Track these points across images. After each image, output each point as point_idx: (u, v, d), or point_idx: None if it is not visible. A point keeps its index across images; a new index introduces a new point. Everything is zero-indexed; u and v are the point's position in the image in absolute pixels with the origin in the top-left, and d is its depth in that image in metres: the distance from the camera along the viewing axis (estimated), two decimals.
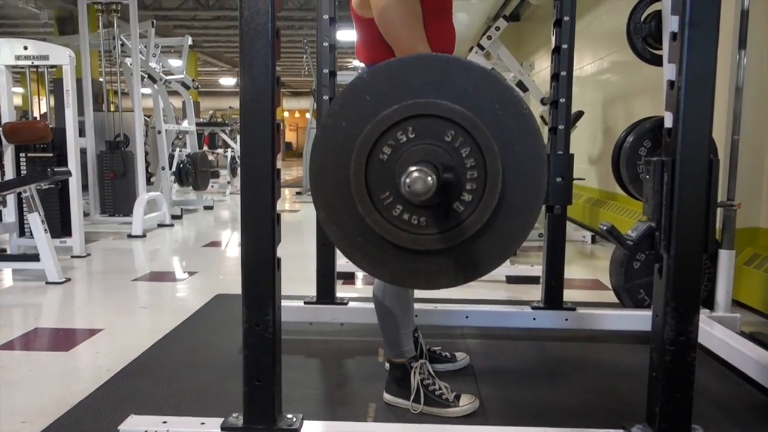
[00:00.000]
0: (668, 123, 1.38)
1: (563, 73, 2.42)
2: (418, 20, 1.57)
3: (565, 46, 2.41)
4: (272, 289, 1.41)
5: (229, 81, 22.91)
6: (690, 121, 1.32)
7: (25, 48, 4.14)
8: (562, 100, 2.44)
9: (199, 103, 16.24)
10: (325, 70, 2.54)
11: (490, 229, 1.23)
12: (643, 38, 2.58)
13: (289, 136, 28.35)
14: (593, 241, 5.03)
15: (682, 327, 1.37)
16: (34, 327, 2.73)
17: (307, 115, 14.23)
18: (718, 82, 1.32)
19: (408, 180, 1.06)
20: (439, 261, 1.25)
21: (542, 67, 7.85)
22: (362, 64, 1.82)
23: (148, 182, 5.89)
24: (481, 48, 4.98)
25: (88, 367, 2.25)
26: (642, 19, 2.58)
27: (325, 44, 2.52)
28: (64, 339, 2.59)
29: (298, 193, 9.19)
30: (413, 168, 1.05)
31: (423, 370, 1.86)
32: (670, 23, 1.40)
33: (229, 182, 9.71)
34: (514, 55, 5.33)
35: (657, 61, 2.59)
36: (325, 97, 2.55)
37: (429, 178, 1.05)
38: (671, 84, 1.36)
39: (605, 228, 1.41)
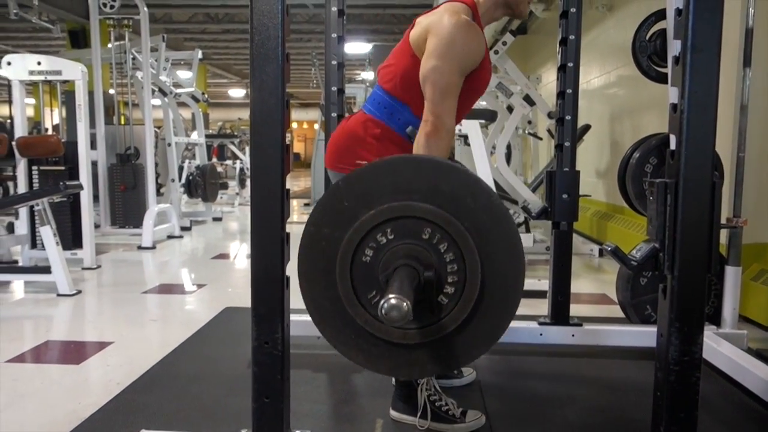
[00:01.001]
0: (672, 145, 1.40)
1: (569, 91, 2.45)
2: (456, 93, 1.64)
3: (570, 64, 2.43)
4: (281, 307, 1.43)
5: (238, 92, 23.08)
6: (692, 143, 1.34)
7: (39, 63, 4.20)
8: (568, 117, 2.46)
9: (209, 115, 16.37)
10: (334, 88, 2.57)
11: (475, 316, 1.28)
12: (649, 56, 2.60)
13: (298, 147, 28.51)
14: (600, 254, 5.03)
15: (686, 347, 1.38)
16: (46, 340, 2.77)
17: (315, 126, 14.32)
18: (723, 100, 1.35)
19: (385, 306, 1.10)
20: (431, 351, 1.30)
21: (549, 80, 7.88)
22: (376, 77, 1.86)
23: (158, 193, 5.96)
24: None
25: (98, 381, 2.28)
26: (647, 37, 2.61)
27: (334, 62, 2.56)
28: (75, 352, 2.62)
29: (306, 205, 9.22)
30: (391, 296, 1.09)
31: (430, 386, 1.87)
32: (674, 47, 1.42)
33: (237, 194, 9.77)
34: (521, 68, 5.36)
35: (662, 78, 2.61)
36: (334, 114, 2.58)
37: (404, 305, 1.09)
38: (674, 107, 1.39)
39: (610, 249, 1.43)
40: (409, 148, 1.75)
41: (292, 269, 1.43)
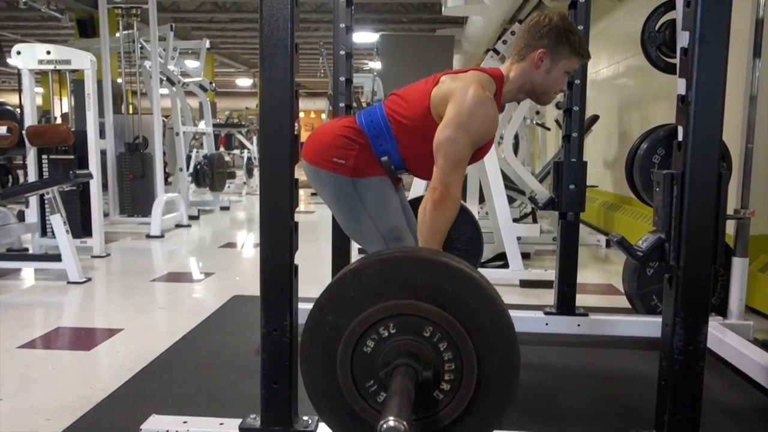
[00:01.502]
0: (679, 136, 1.41)
1: (577, 82, 2.45)
2: (466, 164, 1.69)
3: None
4: (289, 295, 1.45)
5: (245, 82, 23.06)
6: (700, 135, 1.34)
7: (48, 53, 4.22)
8: (576, 108, 2.46)
9: (216, 104, 16.38)
10: (342, 78, 2.58)
11: (469, 413, 1.31)
12: (658, 47, 2.59)
13: (305, 137, 28.49)
14: (607, 245, 5.03)
15: (691, 336, 1.40)
16: (56, 326, 2.81)
17: (323, 116, 14.32)
18: (732, 91, 1.35)
19: (384, 427, 1.11)
20: None
21: None
22: (384, 97, 1.90)
23: (166, 182, 5.98)
24: (497, 52, 4.98)
25: (109, 366, 2.31)
26: (657, 27, 2.60)
27: (342, 52, 2.57)
28: (85, 338, 2.66)
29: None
30: (390, 418, 1.11)
31: None
32: (682, 39, 1.42)
33: (245, 183, 9.80)
34: None
35: (671, 69, 2.60)
36: (342, 104, 2.59)
37: (402, 426, 1.11)
38: (682, 98, 1.39)
39: (616, 239, 1.44)
40: (381, 170, 1.82)
41: (300, 258, 1.45)
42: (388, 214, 1.84)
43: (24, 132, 3.96)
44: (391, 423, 1.12)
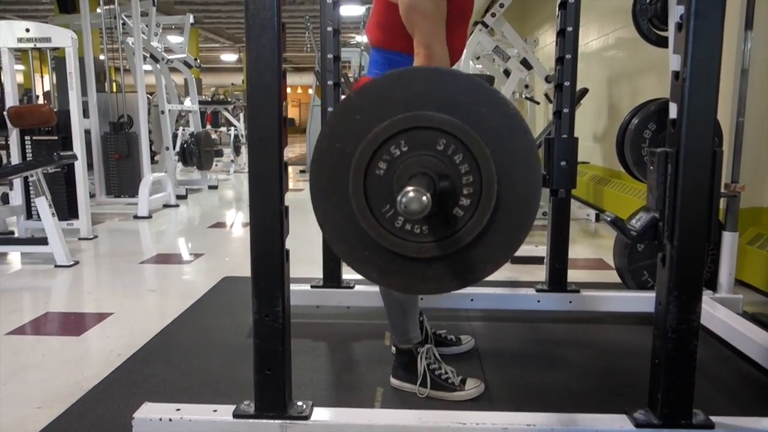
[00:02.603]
0: (672, 114, 1.39)
1: (568, 56, 2.41)
2: (442, 19, 1.58)
3: (570, 28, 2.39)
4: (281, 280, 1.43)
5: (230, 57, 22.75)
6: (694, 112, 1.33)
7: (27, 30, 4.11)
8: (567, 83, 2.43)
9: (201, 80, 16.15)
10: (330, 55, 2.53)
11: (492, 229, 1.26)
12: (649, 19, 2.56)
13: (292, 112, 28.24)
14: (597, 219, 5.04)
15: (684, 315, 1.40)
16: (45, 311, 2.78)
17: (310, 91, 14.16)
18: (723, 65, 1.33)
19: (404, 200, 1.08)
20: (446, 266, 1.28)
21: (547, 42, 7.78)
22: (367, 41, 1.82)
23: (152, 161, 5.91)
24: (485, 26, 4.93)
25: (99, 352, 2.30)
26: (648, 0, 2.56)
27: (329, 29, 2.51)
28: (75, 323, 2.63)
29: (302, 171, 9.18)
30: (409, 188, 1.07)
31: (429, 354, 1.89)
32: (676, 13, 1.39)
33: (232, 161, 9.71)
34: (518, 30, 5.28)
35: (663, 42, 2.58)
36: (330, 82, 2.55)
37: (424, 198, 1.07)
38: (676, 75, 1.37)
39: (609, 219, 1.42)
40: None
41: (291, 238, 1.43)
42: None
43: (5, 113, 3.88)
44: (411, 193, 1.08)
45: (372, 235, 1.27)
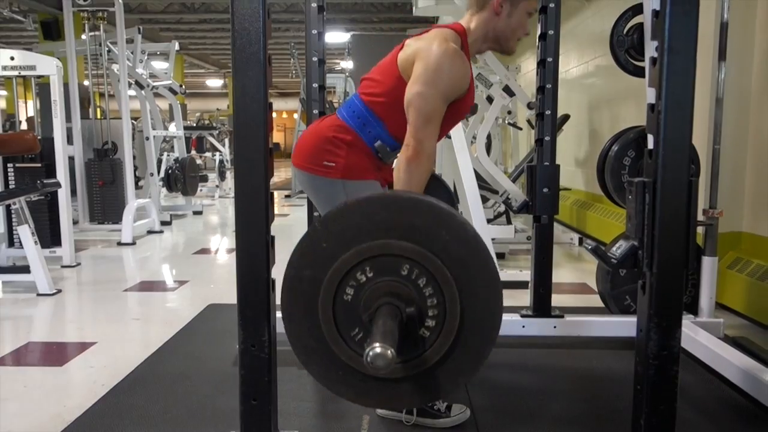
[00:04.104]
0: (650, 144, 1.43)
1: (548, 86, 2.47)
2: (439, 120, 1.67)
3: (550, 59, 2.45)
4: (267, 310, 1.44)
5: (216, 82, 22.82)
6: (670, 144, 1.36)
7: (12, 58, 4.12)
8: (548, 112, 2.48)
9: (186, 105, 16.18)
10: (315, 85, 2.56)
11: (457, 346, 1.31)
12: (626, 50, 2.63)
13: (277, 137, 28.30)
14: (580, 243, 5.09)
15: (665, 341, 1.42)
16: (27, 341, 2.74)
17: (295, 116, 14.25)
18: (698, 93, 1.37)
19: (371, 355, 1.12)
20: (418, 382, 1.33)
21: (529, 69, 7.92)
22: (358, 86, 1.87)
23: (136, 186, 5.88)
24: None
25: (82, 382, 2.27)
26: (625, 31, 2.63)
27: (314, 59, 2.55)
28: (57, 353, 2.60)
29: (287, 197, 9.19)
30: (375, 344, 1.12)
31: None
32: (650, 48, 1.44)
33: (217, 186, 9.70)
34: (500, 57, 5.38)
35: (639, 72, 2.65)
36: (315, 111, 2.57)
37: (389, 352, 1.12)
38: (652, 107, 1.41)
39: (590, 247, 1.45)
40: (377, 160, 1.80)
41: (275, 268, 1.44)
42: None
43: None
44: (378, 349, 1.11)
45: (343, 359, 1.32)
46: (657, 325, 1.42)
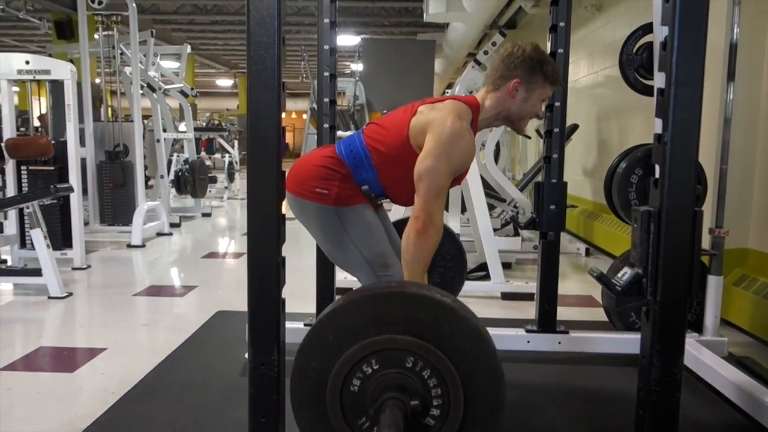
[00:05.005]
0: (656, 174, 1.45)
1: (557, 104, 2.49)
2: (445, 192, 1.75)
3: (560, 50, 2.46)
4: (277, 329, 1.46)
5: (226, 82, 22.93)
6: (676, 175, 1.39)
7: (27, 62, 4.17)
8: (556, 130, 2.50)
9: (196, 105, 16.25)
10: (326, 73, 2.58)
11: None
12: (635, 69, 2.65)
13: (287, 137, 28.40)
14: (587, 253, 5.10)
15: (667, 369, 1.44)
16: (38, 346, 2.79)
17: (304, 116, 14.30)
18: (707, 111, 1.40)
19: None
20: None
21: None
22: (364, 128, 1.94)
23: (146, 185, 5.93)
24: (478, 63, 5.04)
25: (93, 389, 2.31)
26: (634, 50, 2.65)
27: (326, 47, 2.57)
28: (68, 359, 2.64)
29: None
30: None
31: None
32: (658, 79, 1.46)
33: (226, 187, 9.75)
34: None
35: (648, 91, 2.66)
36: (326, 99, 2.59)
37: None
38: (658, 138, 1.43)
39: (595, 274, 1.48)
40: (363, 198, 1.86)
41: (287, 291, 1.48)
42: (373, 242, 1.86)
43: (3, 144, 3.91)
44: None
45: None
46: (660, 353, 1.44)
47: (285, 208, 1.53)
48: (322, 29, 2.56)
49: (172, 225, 6.26)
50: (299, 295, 3.08)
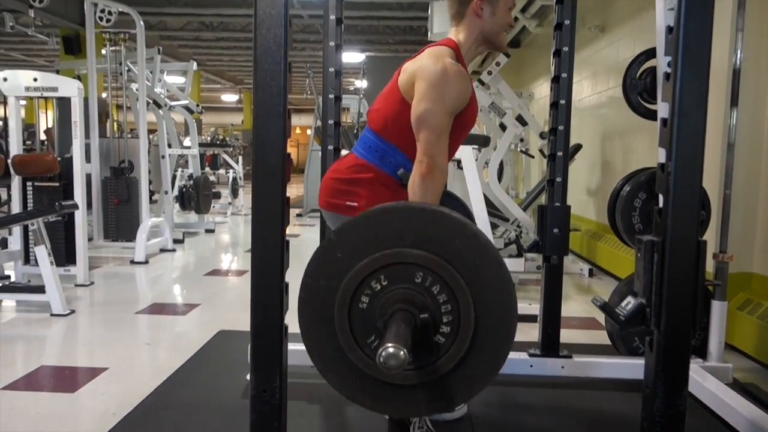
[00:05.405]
0: (659, 203, 1.45)
1: (561, 128, 2.49)
2: (447, 134, 1.71)
3: (563, 101, 2.48)
4: (279, 356, 1.46)
5: (231, 97, 23.07)
6: (679, 204, 1.39)
7: (35, 80, 4.21)
8: (559, 153, 2.50)
9: (201, 120, 16.34)
10: (331, 96, 2.60)
11: (472, 353, 1.34)
12: (639, 93, 2.66)
13: (291, 152, 28.50)
14: (591, 274, 5.09)
15: (671, 400, 1.43)
16: (40, 365, 2.78)
17: (309, 132, 14.35)
18: (711, 136, 1.40)
19: (383, 355, 1.15)
20: (435, 388, 1.36)
21: (542, 95, 7.95)
22: (367, 120, 1.91)
23: (150, 200, 5.94)
24: (482, 83, 5.07)
25: (94, 410, 2.30)
26: (637, 75, 2.66)
27: (331, 69, 2.59)
28: (69, 378, 2.64)
29: (298, 215, 9.24)
30: (388, 345, 1.15)
31: (422, 423, 1.92)
32: (661, 109, 1.47)
33: (230, 203, 9.77)
34: (513, 82, 5.44)
35: (651, 115, 2.67)
36: (330, 121, 2.61)
37: (401, 353, 1.15)
38: (662, 167, 1.43)
39: (599, 304, 1.47)
40: (401, 191, 1.80)
41: (290, 311, 1.47)
42: None
43: (9, 161, 3.94)
44: (390, 349, 1.14)
45: (360, 366, 1.34)
46: (664, 384, 1.43)
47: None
48: (328, 51, 2.58)
49: (176, 241, 6.27)
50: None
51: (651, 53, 2.64)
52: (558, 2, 2.45)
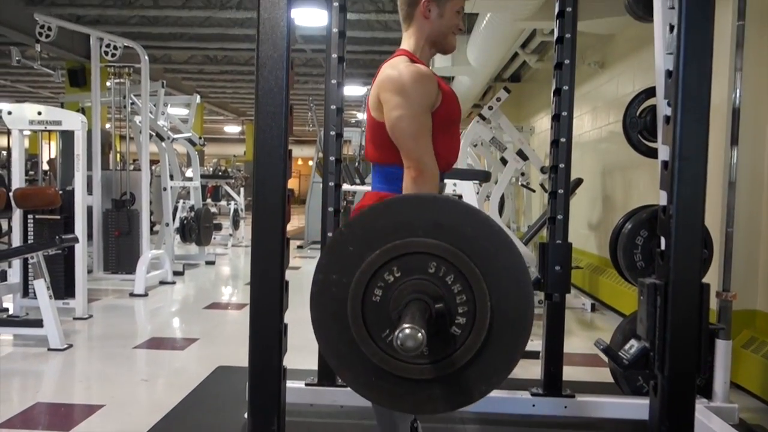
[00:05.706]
0: (662, 246, 1.45)
1: (561, 166, 2.50)
2: (428, 133, 1.69)
3: (563, 139, 2.49)
4: (277, 398, 1.44)
5: (233, 129, 23.27)
6: (681, 248, 1.38)
7: (39, 113, 4.24)
8: (560, 191, 2.50)
9: (204, 151, 16.45)
10: (332, 132, 2.61)
11: (489, 344, 1.28)
12: (639, 132, 2.67)
13: (292, 183, 28.63)
14: (593, 309, 5.05)
15: None
16: (35, 402, 2.74)
17: (310, 163, 14.43)
18: (712, 174, 1.39)
19: (400, 336, 1.12)
20: (452, 383, 1.31)
21: (542, 129, 8.01)
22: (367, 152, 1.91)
23: (151, 231, 5.92)
24: (483, 118, 5.11)
25: None
26: (638, 113, 2.68)
27: (333, 107, 2.61)
28: (64, 416, 2.60)
29: (299, 247, 9.22)
30: (405, 325, 1.12)
31: None
32: (662, 152, 1.48)
33: (231, 234, 9.77)
34: (514, 116, 5.47)
35: (652, 153, 2.68)
36: (332, 158, 2.61)
37: (419, 334, 1.12)
38: (663, 210, 1.43)
39: (602, 347, 1.46)
40: None
41: (289, 345, 1.45)
42: None
43: (11, 194, 3.95)
44: (407, 330, 1.11)
45: (375, 361, 1.30)
46: (668, 429, 1.41)
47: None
48: (329, 89, 2.60)
49: (176, 273, 6.24)
50: (303, 350, 3.01)
51: (651, 92, 2.65)
52: (558, 42, 2.48)
